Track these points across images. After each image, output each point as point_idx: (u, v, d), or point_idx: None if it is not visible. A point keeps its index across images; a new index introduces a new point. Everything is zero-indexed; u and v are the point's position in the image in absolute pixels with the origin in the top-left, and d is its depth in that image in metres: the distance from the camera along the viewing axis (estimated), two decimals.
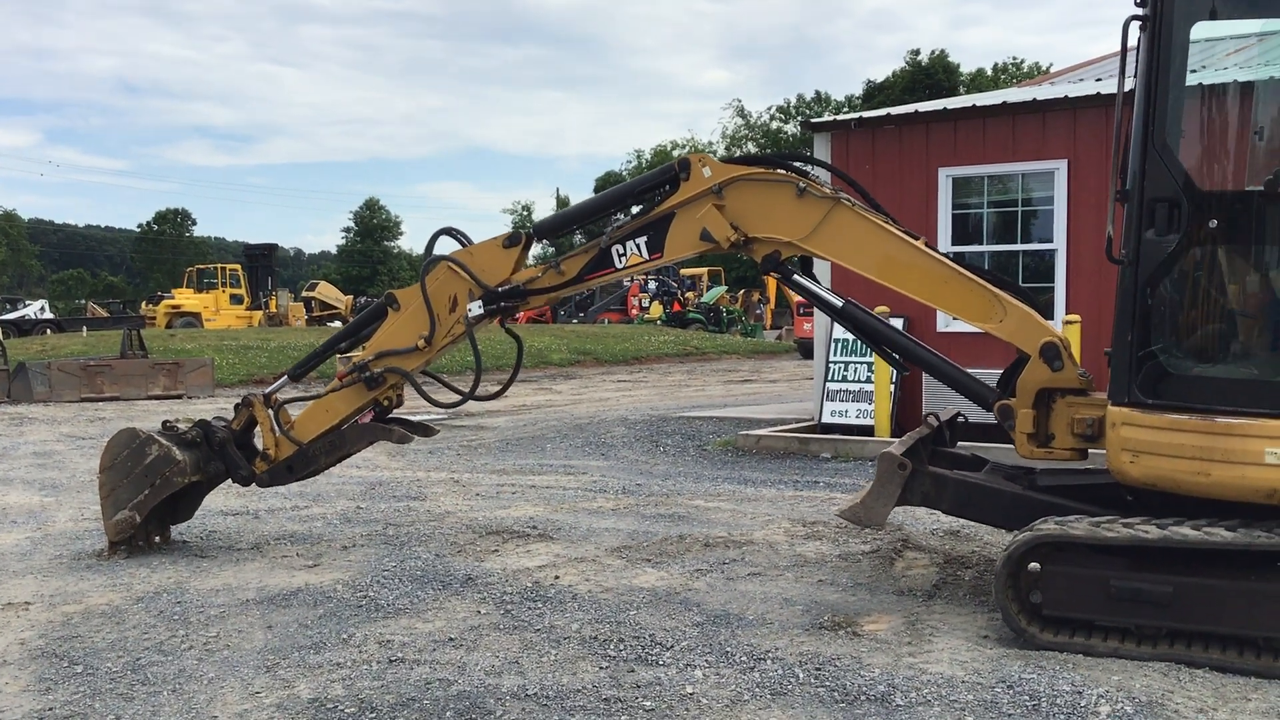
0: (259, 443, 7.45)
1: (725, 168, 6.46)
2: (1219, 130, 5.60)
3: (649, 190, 6.74)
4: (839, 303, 6.43)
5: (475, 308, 6.94)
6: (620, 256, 6.73)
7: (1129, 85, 5.36)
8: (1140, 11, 5.24)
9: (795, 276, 6.52)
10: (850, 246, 6.22)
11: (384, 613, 5.98)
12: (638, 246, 6.69)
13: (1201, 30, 5.24)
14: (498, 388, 7.55)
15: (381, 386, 7.16)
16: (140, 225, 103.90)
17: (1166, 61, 5.16)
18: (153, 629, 5.77)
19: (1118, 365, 5.30)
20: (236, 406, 7.50)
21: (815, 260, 6.62)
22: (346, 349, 7.62)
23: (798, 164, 6.49)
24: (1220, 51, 11.10)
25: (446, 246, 7.19)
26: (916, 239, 6.14)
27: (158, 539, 7.59)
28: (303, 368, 7.65)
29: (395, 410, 7.45)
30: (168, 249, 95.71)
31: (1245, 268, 5.24)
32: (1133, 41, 5.35)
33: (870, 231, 6.17)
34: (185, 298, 46.72)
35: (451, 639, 5.51)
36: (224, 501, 9.36)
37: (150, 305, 48.17)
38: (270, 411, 7.38)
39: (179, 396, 19.79)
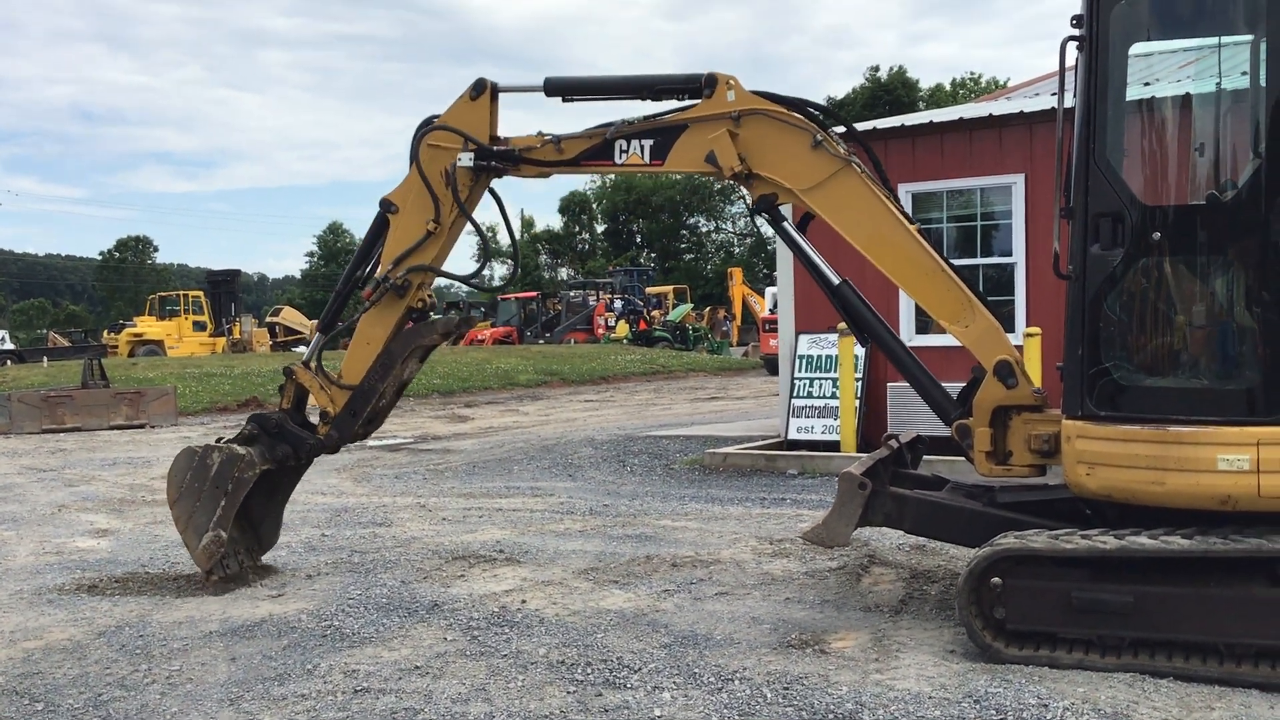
0: (315, 418, 7.33)
1: (750, 97, 6.35)
2: (1159, 145, 5.70)
3: (668, 92, 6.62)
4: (836, 280, 6.35)
5: (465, 158, 6.86)
6: (622, 153, 6.65)
7: (1069, 103, 5.46)
8: (1077, 33, 5.33)
9: (785, 224, 6.45)
10: (847, 211, 6.17)
11: (349, 642, 5.95)
12: (641, 147, 6.60)
13: (1146, 47, 5.33)
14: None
15: (410, 291, 7.04)
16: (102, 253, 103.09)
17: (1105, 80, 5.25)
18: (115, 664, 5.71)
19: (1070, 379, 5.38)
20: (280, 387, 7.41)
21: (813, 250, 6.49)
22: (364, 275, 7.38)
23: (820, 116, 6.38)
24: (1174, 64, 11.28)
25: None
26: (912, 223, 6.15)
27: (248, 563, 7.44)
28: (330, 315, 7.52)
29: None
30: (130, 277, 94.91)
31: (1190, 278, 5.32)
32: (1071, 61, 5.45)
33: (871, 203, 6.14)
34: (147, 325, 46.31)
35: (417, 667, 5.48)
36: None
37: (112, 334, 47.73)
38: (312, 372, 7.27)
39: (142, 426, 19.60)
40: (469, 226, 7.15)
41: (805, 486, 11.24)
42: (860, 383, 12.83)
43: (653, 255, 80.00)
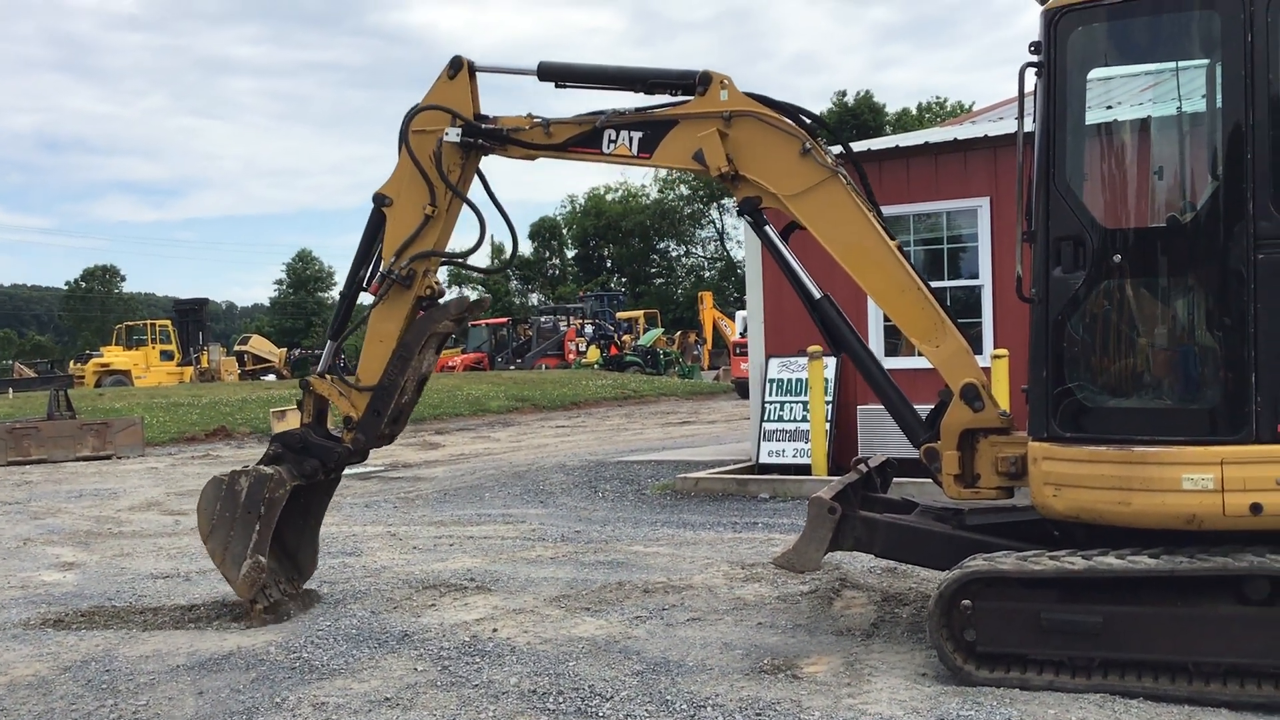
0: (341, 430, 7.23)
1: (743, 98, 6.35)
2: (1119, 168, 5.77)
3: (661, 86, 6.58)
4: (818, 294, 6.35)
5: (453, 133, 6.82)
6: (611, 143, 6.62)
7: (1029, 128, 5.53)
8: (1035, 59, 5.40)
9: (767, 229, 6.43)
10: (829, 221, 6.17)
11: (318, 674, 5.89)
12: (630, 139, 6.57)
13: (1105, 71, 5.41)
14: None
15: (416, 280, 6.99)
16: (68, 283, 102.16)
17: (1064, 106, 5.32)
18: (80, 699, 5.64)
19: (1034, 401, 5.42)
20: (299, 402, 7.32)
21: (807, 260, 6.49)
22: (366, 276, 7.26)
23: (812, 124, 6.38)
24: (1135, 87, 11.43)
25: None
26: (893, 239, 6.18)
27: (290, 591, 7.31)
28: (338, 321, 7.41)
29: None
30: (96, 306, 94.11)
31: (1151, 300, 5.39)
32: (1030, 86, 5.52)
33: (854, 215, 6.15)
34: (114, 355, 45.93)
35: (388, 698, 5.44)
36: (153, 564, 9.20)
37: (79, 364, 47.33)
38: (329, 380, 7.20)
39: (108, 457, 19.42)
40: (466, 212, 7.08)
41: (777, 510, 11.24)
42: (830, 405, 12.87)
43: (623, 280, 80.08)
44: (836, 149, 6.60)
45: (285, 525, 7.16)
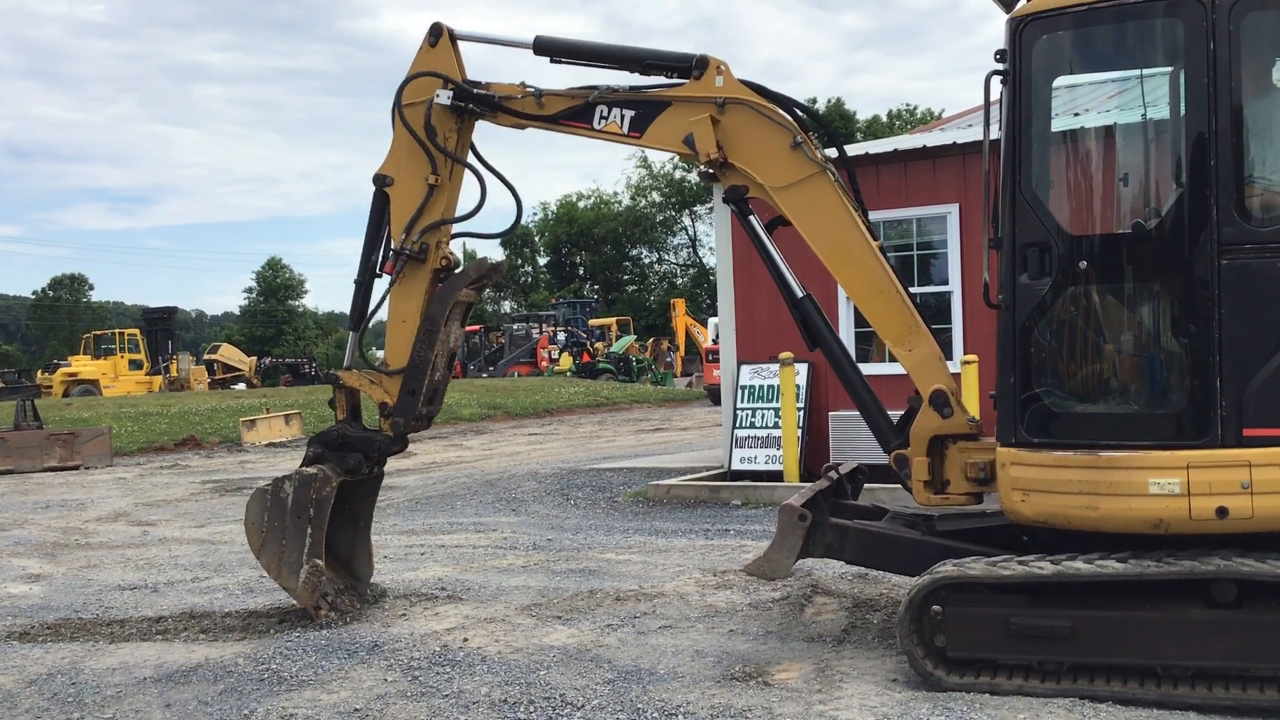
0: (380, 425, 7.14)
1: (738, 85, 6.34)
2: (1084, 175, 5.81)
3: (657, 68, 6.56)
4: (800, 292, 6.35)
5: (444, 95, 6.79)
6: (602, 119, 6.60)
7: (995, 135, 5.56)
8: (1001, 67, 5.44)
9: (751, 219, 6.42)
10: (813, 217, 6.18)
11: (287, 685, 5.85)
12: (622, 117, 6.56)
13: (1071, 79, 5.45)
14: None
15: (430, 253, 6.94)
16: (35, 292, 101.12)
17: (1029, 113, 5.36)
18: (46, 713, 5.57)
19: (1002, 407, 5.45)
20: (331, 401, 7.25)
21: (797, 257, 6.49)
22: (378, 260, 7.19)
23: (806, 117, 6.38)
24: (1101, 94, 11.53)
25: None
26: (876, 240, 6.18)
27: (354, 601, 7.22)
28: (358, 311, 7.31)
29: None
30: (64, 315, 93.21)
31: (1117, 306, 5.43)
32: (996, 95, 5.56)
33: (839, 213, 6.16)
34: (82, 365, 45.48)
35: (357, 709, 5.40)
36: (121, 576, 9.11)
37: (46, 374, 46.82)
38: (357, 372, 7.14)
39: (76, 468, 19.24)
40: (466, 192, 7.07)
41: (749, 517, 11.26)
42: (802, 412, 12.90)
43: (596, 287, 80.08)
44: (832, 151, 6.60)
45: (334, 534, 7.08)
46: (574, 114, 6.68)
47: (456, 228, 7.12)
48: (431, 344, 6.96)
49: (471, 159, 7.11)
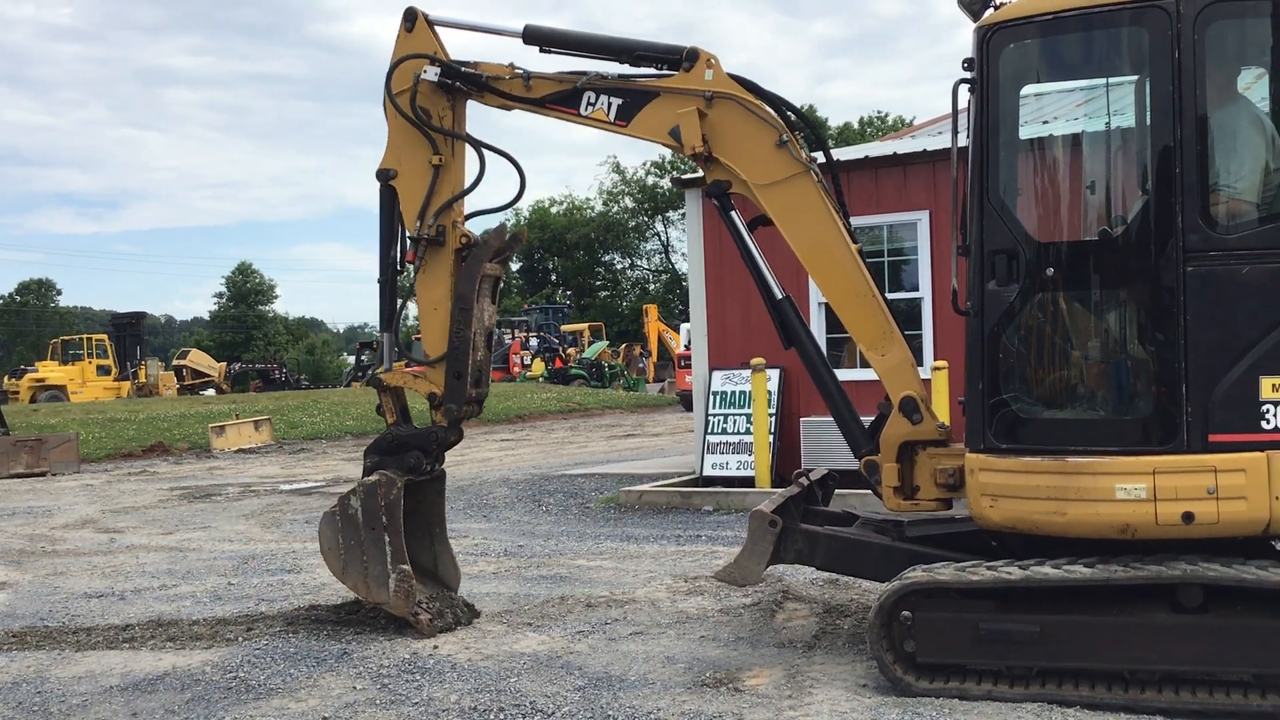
0: (427, 425, 7.10)
1: (727, 80, 6.33)
2: (1051, 183, 5.85)
3: (647, 59, 6.54)
4: (779, 294, 6.36)
5: (431, 72, 6.76)
6: (589, 105, 6.58)
7: (963, 143, 5.60)
8: (968, 75, 5.47)
9: (733, 215, 6.40)
10: (795, 217, 6.17)
11: (255, 694, 5.80)
12: (609, 104, 6.54)
13: (1038, 87, 5.48)
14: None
15: (448, 235, 6.91)
16: (2, 297, 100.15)
17: (996, 122, 5.40)
18: None
19: (971, 413, 5.48)
20: (378, 408, 7.17)
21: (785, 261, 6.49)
22: (398, 256, 7.14)
23: (794, 118, 6.37)
24: (1070, 103, 11.61)
25: None
26: (856, 243, 6.20)
27: (459, 610, 7.11)
28: (386, 310, 7.22)
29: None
30: (31, 320, 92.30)
31: (1084, 313, 5.48)
32: (963, 103, 5.59)
33: (821, 214, 6.16)
34: (49, 370, 45.12)
35: (326, 718, 5.37)
36: (87, 583, 9.02)
37: (13, 379, 46.39)
38: (397, 370, 7.09)
39: (43, 474, 19.03)
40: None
41: (721, 523, 11.26)
42: (774, 418, 12.92)
43: (568, 293, 79.93)
44: (819, 156, 6.62)
45: (413, 545, 6.99)
46: (561, 98, 6.67)
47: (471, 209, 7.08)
48: (468, 322, 6.90)
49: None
